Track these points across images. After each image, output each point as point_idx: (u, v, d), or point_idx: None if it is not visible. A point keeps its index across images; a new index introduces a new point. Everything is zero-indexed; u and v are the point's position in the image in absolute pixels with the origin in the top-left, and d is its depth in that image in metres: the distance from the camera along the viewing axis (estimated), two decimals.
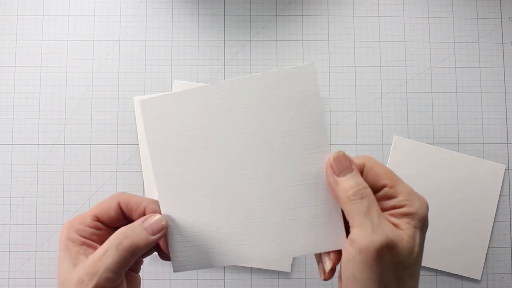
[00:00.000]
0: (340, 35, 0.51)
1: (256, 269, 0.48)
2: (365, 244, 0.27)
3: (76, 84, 0.50)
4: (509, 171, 0.50)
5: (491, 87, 0.51)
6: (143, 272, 0.48)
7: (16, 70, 0.50)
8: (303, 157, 0.32)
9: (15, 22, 0.51)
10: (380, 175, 0.30)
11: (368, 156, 0.31)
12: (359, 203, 0.28)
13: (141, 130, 0.49)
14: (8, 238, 0.49)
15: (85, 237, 0.33)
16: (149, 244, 0.31)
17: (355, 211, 0.28)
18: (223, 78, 0.50)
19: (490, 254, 0.49)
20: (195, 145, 0.32)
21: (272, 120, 0.32)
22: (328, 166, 0.30)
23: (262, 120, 0.32)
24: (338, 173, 0.30)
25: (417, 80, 0.51)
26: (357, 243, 0.27)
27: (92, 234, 0.33)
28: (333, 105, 0.50)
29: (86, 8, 0.51)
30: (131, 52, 0.51)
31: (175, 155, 0.32)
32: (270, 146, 0.32)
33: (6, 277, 0.48)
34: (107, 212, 0.33)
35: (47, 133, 0.50)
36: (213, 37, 0.51)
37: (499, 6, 0.52)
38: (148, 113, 0.33)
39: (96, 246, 0.33)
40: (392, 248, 0.27)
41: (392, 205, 0.29)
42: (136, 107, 0.50)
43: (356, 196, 0.28)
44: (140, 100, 0.32)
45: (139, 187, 0.49)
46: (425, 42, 0.51)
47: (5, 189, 0.49)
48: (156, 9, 0.51)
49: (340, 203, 0.30)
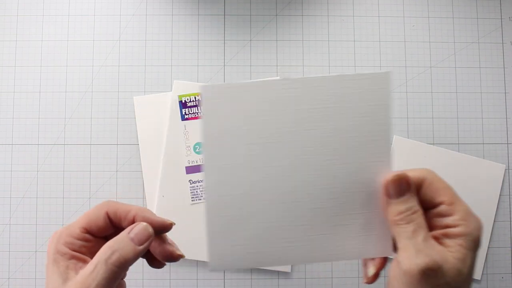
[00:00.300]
0: (340, 35, 0.51)
1: (256, 269, 0.48)
2: (409, 266, 0.27)
3: (76, 84, 0.50)
4: (509, 171, 0.50)
5: (491, 87, 0.51)
6: (143, 272, 0.48)
7: (16, 70, 0.50)
8: (364, 165, 0.31)
9: (15, 22, 0.51)
10: (439, 191, 0.30)
11: (429, 170, 0.31)
12: (404, 227, 0.29)
13: (141, 130, 0.49)
14: (8, 238, 0.49)
15: (74, 250, 0.32)
16: (137, 255, 0.31)
17: (400, 235, 0.29)
18: (223, 78, 0.50)
19: (490, 254, 0.49)
20: (255, 140, 0.31)
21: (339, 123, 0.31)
22: (384, 185, 0.30)
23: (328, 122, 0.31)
24: (391, 196, 0.30)
25: (417, 80, 0.51)
26: (402, 265, 0.28)
27: (81, 247, 0.33)
28: None
29: (86, 8, 0.51)
30: (131, 52, 0.51)
31: (231, 148, 0.31)
32: (333, 149, 0.31)
33: (6, 277, 0.48)
34: (96, 222, 0.33)
35: (47, 133, 0.50)
36: (213, 37, 0.51)
37: (499, 6, 0.52)
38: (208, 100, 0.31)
39: (85, 259, 0.33)
40: (437, 270, 0.27)
41: (446, 223, 0.29)
42: (136, 107, 0.49)
43: (403, 221, 0.29)
44: (202, 85, 0.31)
45: (139, 187, 0.49)
46: (425, 42, 0.51)
47: (5, 189, 0.49)
48: (156, 9, 0.51)
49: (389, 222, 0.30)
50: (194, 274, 0.48)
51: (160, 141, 0.49)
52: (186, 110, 0.48)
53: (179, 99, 0.48)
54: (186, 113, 0.48)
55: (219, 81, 0.50)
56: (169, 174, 0.48)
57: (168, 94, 0.49)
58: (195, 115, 0.48)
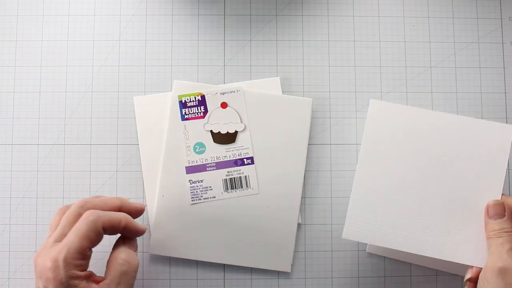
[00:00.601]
0: (340, 35, 0.51)
1: (256, 269, 0.48)
2: (492, 266, 0.38)
3: (76, 84, 0.50)
4: (509, 171, 0.50)
5: (491, 87, 0.51)
6: (143, 272, 0.48)
7: (16, 70, 0.50)
8: (480, 189, 0.42)
9: (15, 22, 0.51)
10: None
11: None
12: (495, 240, 0.39)
13: (141, 130, 0.49)
14: (8, 238, 0.49)
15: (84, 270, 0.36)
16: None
17: (491, 245, 0.39)
18: (223, 78, 0.50)
19: None
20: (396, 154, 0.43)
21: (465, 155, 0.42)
22: (486, 208, 0.41)
23: (456, 153, 0.42)
24: (490, 216, 0.40)
25: (417, 80, 0.51)
26: (488, 265, 0.38)
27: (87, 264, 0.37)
28: (333, 105, 0.50)
29: (86, 8, 0.51)
30: (131, 52, 0.51)
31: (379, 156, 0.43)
32: (456, 174, 0.42)
33: (6, 277, 0.48)
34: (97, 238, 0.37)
35: (47, 133, 0.50)
36: (213, 37, 0.51)
37: (499, 6, 0.52)
38: (375, 114, 0.43)
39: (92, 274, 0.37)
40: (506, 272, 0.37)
41: None
42: (136, 107, 0.49)
43: (495, 236, 0.39)
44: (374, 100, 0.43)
45: (139, 187, 0.49)
46: (425, 42, 0.51)
47: (5, 189, 0.49)
48: (156, 9, 0.51)
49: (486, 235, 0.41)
50: (194, 274, 0.48)
51: (160, 141, 0.49)
52: (186, 110, 0.48)
53: (179, 99, 0.48)
54: (186, 113, 0.48)
55: (219, 81, 0.50)
56: (169, 174, 0.48)
57: (168, 94, 0.49)
58: (195, 115, 0.48)
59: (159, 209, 0.47)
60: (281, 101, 0.49)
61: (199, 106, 0.48)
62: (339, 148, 0.50)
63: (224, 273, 0.48)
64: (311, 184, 0.49)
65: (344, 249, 0.49)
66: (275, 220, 0.47)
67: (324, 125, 0.50)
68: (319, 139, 0.50)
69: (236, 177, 0.48)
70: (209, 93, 0.49)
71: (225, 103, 0.49)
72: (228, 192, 0.48)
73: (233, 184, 0.48)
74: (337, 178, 0.49)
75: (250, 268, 0.48)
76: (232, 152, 0.48)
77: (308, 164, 0.49)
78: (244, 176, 0.48)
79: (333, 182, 0.49)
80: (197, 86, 0.49)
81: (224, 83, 0.50)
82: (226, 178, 0.48)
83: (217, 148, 0.48)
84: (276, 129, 0.48)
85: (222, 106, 0.48)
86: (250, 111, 0.48)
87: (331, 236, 0.49)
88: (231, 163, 0.48)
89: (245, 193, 0.48)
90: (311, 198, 0.49)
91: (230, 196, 0.48)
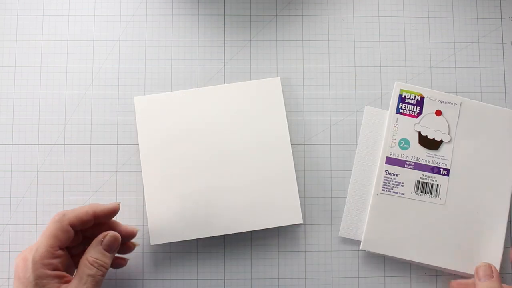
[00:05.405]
0: (340, 35, 0.51)
1: (256, 269, 0.48)
2: None
3: (76, 84, 0.50)
4: None
5: (491, 87, 0.51)
6: (143, 272, 0.48)
7: (16, 70, 0.50)
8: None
9: (15, 22, 0.51)
10: None
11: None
12: None
13: (141, 130, 0.49)
14: (8, 238, 0.49)
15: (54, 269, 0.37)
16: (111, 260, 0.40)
17: None
18: (223, 78, 0.50)
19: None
20: None
21: None
22: (475, 270, 0.45)
23: None
24: (479, 278, 0.44)
25: (417, 80, 0.51)
26: None
27: (58, 264, 0.38)
28: (333, 105, 0.50)
29: (86, 8, 0.51)
30: (131, 52, 0.51)
31: None
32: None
33: (6, 277, 0.48)
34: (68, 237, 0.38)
35: (47, 133, 0.50)
36: (213, 37, 0.51)
37: (499, 6, 0.52)
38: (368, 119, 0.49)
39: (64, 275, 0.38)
40: None
41: None
42: (136, 107, 0.49)
43: None
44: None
45: (139, 187, 0.49)
46: (425, 42, 0.51)
47: (5, 189, 0.49)
48: (156, 9, 0.51)
49: None
50: (194, 274, 0.48)
51: (160, 141, 0.48)
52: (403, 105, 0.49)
53: (400, 92, 0.48)
54: (402, 107, 0.50)
55: (219, 81, 0.50)
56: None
57: (169, 93, 0.49)
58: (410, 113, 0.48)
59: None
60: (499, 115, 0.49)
61: (416, 106, 0.49)
62: (339, 148, 0.50)
63: (224, 273, 0.48)
64: (311, 184, 0.49)
65: (344, 249, 0.49)
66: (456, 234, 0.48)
67: (324, 125, 0.50)
68: (319, 139, 0.50)
69: (429, 183, 0.48)
70: (429, 97, 0.49)
71: (440, 111, 0.49)
72: (417, 194, 0.48)
73: (423, 189, 0.48)
74: (337, 178, 0.49)
75: (250, 268, 0.48)
76: (432, 158, 0.48)
77: (308, 164, 0.49)
78: (436, 184, 0.48)
79: (333, 182, 0.49)
80: (418, 88, 0.50)
81: (224, 83, 0.50)
82: (419, 181, 0.48)
83: (420, 150, 0.49)
84: (482, 146, 0.49)
85: (437, 113, 0.49)
86: (461, 126, 0.49)
87: (331, 236, 0.49)
88: (428, 168, 0.48)
89: (432, 201, 0.48)
90: (311, 198, 0.49)
91: (418, 199, 0.48)
